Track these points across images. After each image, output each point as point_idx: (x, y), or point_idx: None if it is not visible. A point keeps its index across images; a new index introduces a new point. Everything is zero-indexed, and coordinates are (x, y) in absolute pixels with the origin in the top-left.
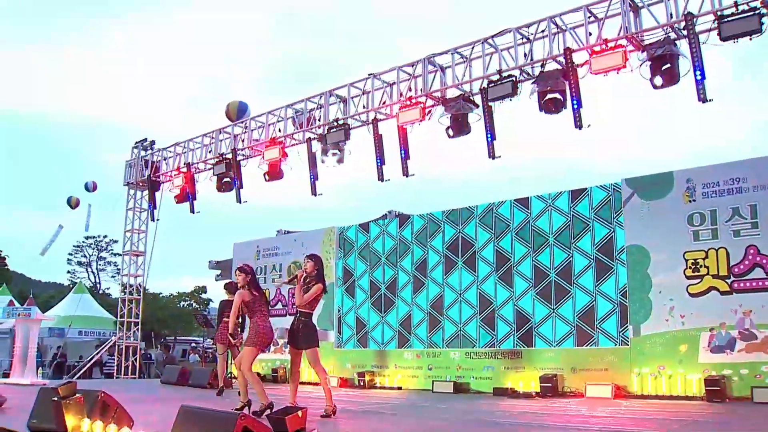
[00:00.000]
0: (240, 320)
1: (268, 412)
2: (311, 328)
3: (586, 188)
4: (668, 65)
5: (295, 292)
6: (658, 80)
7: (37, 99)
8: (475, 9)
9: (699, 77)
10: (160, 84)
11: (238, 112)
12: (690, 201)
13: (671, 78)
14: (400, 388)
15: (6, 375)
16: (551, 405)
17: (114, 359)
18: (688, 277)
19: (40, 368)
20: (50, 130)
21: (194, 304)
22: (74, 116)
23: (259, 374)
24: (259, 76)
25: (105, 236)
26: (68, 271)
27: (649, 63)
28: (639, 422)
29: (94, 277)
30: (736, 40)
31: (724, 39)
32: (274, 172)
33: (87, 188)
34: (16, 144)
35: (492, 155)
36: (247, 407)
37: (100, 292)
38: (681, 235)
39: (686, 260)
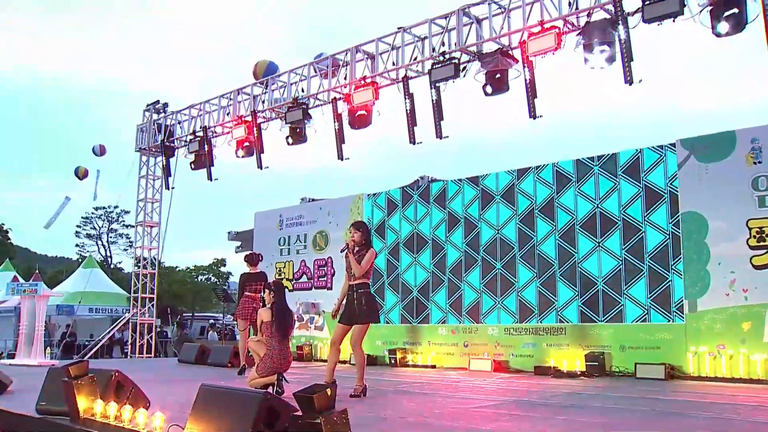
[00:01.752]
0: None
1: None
2: (374, 302)
3: (636, 150)
4: (734, 10)
5: (346, 262)
6: (723, 27)
7: (42, 59)
8: None
9: None
10: (175, 46)
11: (266, 71)
12: (755, 163)
13: (737, 24)
14: (434, 367)
15: (12, 356)
16: (597, 385)
17: (134, 338)
18: (752, 248)
19: (48, 348)
20: (58, 92)
21: (213, 278)
22: (85, 78)
23: None
24: (282, 39)
25: (116, 207)
26: (76, 245)
27: (710, 8)
28: (696, 406)
29: (105, 250)
30: None
31: None
32: (298, 135)
33: (95, 152)
34: (22, 107)
35: (533, 114)
36: (271, 387)
37: (112, 266)
38: (744, 200)
39: (750, 228)
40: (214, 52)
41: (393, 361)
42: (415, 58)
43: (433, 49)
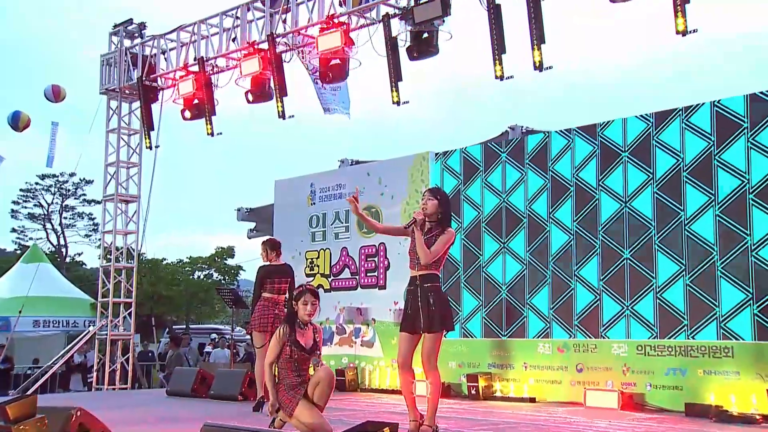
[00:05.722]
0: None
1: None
2: (447, 302)
3: None
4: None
5: (414, 247)
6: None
7: None
8: None
9: None
10: None
11: None
12: None
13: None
14: (533, 400)
15: None
16: None
17: (102, 361)
18: None
19: None
20: None
21: (216, 275)
22: None
23: None
24: None
25: (72, 174)
26: (13, 229)
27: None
28: None
29: (57, 237)
30: None
31: None
32: (334, 70)
33: (47, 97)
34: None
35: (682, 29)
36: None
37: (68, 259)
38: None
39: None
40: None
41: (474, 391)
42: None
43: None
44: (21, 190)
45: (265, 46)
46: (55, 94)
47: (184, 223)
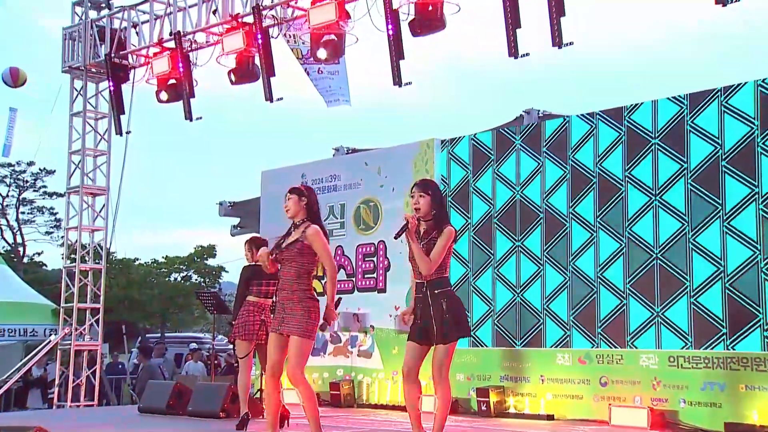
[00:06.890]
0: None
1: None
2: (461, 307)
3: None
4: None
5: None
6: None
7: None
8: None
9: None
10: None
11: None
12: None
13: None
14: (551, 417)
15: None
16: None
17: (65, 374)
18: None
19: None
20: None
21: (196, 277)
22: None
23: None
24: None
25: (31, 163)
26: None
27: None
28: None
29: (14, 234)
30: None
31: None
32: (329, 48)
33: (4, 80)
34: None
35: None
36: None
37: (26, 259)
38: None
39: None
40: None
41: (484, 407)
42: None
43: None
44: None
45: (250, 19)
46: (14, 78)
47: (160, 219)
